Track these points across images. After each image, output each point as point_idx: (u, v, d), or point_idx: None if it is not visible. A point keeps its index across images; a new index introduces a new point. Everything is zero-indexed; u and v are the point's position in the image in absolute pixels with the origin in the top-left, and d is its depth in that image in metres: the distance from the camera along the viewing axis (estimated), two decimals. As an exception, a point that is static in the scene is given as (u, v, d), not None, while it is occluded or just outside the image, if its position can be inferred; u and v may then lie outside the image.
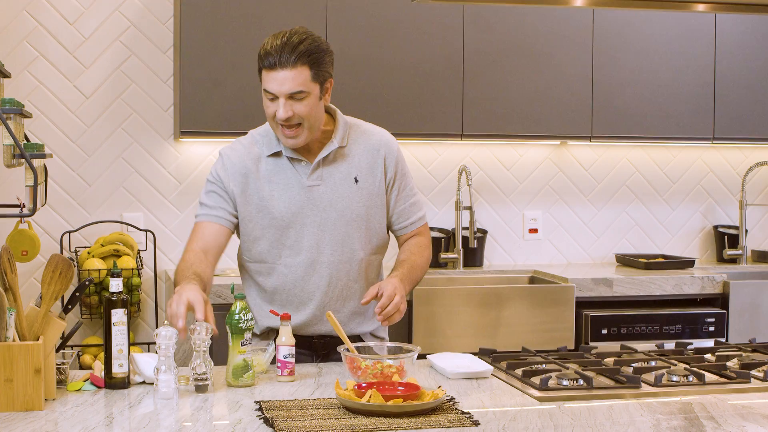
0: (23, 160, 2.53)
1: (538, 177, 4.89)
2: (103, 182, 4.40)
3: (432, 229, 4.58)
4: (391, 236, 2.93)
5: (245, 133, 2.87)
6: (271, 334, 2.83)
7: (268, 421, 2.13)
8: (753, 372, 2.61)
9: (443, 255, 4.58)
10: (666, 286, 4.35)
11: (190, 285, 2.50)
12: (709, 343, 3.84)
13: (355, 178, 2.78)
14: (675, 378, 2.53)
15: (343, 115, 2.83)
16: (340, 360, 2.75)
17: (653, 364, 2.71)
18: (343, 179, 2.77)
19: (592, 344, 3.71)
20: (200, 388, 2.40)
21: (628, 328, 4.24)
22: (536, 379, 2.49)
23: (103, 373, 2.44)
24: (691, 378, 2.54)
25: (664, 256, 4.83)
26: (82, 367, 3.97)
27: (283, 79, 2.62)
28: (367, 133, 2.85)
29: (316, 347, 2.82)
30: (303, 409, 2.23)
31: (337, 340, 2.69)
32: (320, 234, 2.75)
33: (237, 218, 2.80)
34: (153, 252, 4.39)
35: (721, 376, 2.60)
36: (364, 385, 2.30)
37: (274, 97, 2.65)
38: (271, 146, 2.77)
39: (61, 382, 2.42)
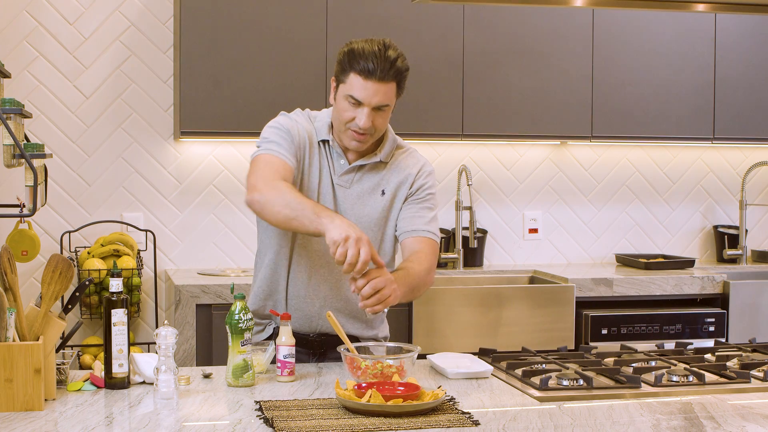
0: (23, 160, 2.53)
1: (538, 177, 4.89)
2: (103, 182, 4.40)
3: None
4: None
5: (245, 133, 2.87)
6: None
7: (268, 421, 2.13)
8: (753, 372, 2.61)
9: (443, 255, 4.58)
10: (666, 286, 4.35)
11: (345, 219, 2.47)
12: (709, 343, 3.84)
13: (383, 191, 2.79)
14: (675, 378, 2.53)
15: (392, 131, 2.84)
16: (338, 359, 2.75)
17: (653, 364, 2.71)
18: (371, 190, 2.78)
19: (592, 344, 3.71)
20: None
21: (628, 328, 4.24)
22: (536, 379, 2.49)
23: (103, 373, 2.44)
24: (691, 378, 2.54)
25: (664, 256, 4.83)
26: (82, 367, 3.97)
27: (376, 91, 2.63)
28: (410, 157, 2.86)
29: (314, 345, 2.81)
30: (303, 409, 2.23)
31: (335, 340, 2.69)
32: None
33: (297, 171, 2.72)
34: (153, 252, 4.39)
35: (721, 376, 2.60)
36: (364, 385, 2.29)
37: (359, 104, 2.65)
38: (322, 132, 2.76)
39: (61, 382, 2.42)
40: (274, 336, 2.83)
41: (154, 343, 2.38)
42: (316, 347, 2.82)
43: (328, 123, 2.77)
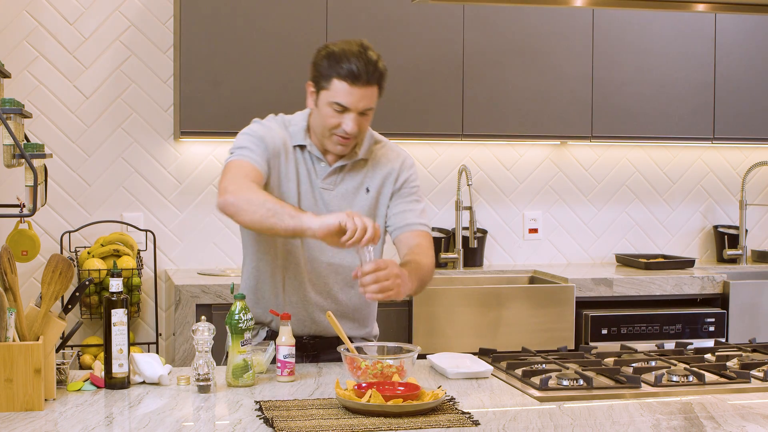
0: (23, 160, 2.53)
1: (538, 177, 4.89)
2: (103, 182, 4.40)
3: (432, 229, 4.57)
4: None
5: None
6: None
7: (268, 421, 2.13)
8: (753, 372, 2.61)
9: (443, 255, 4.58)
10: (666, 286, 4.35)
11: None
12: (709, 343, 3.83)
13: (367, 189, 2.78)
14: (675, 378, 2.53)
15: (370, 129, 2.82)
16: (330, 361, 2.75)
17: (653, 364, 2.71)
18: (355, 189, 2.77)
19: (592, 344, 3.71)
20: (203, 389, 2.40)
21: (628, 328, 4.24)
22: (536, 379, 2.49)
23: (103, 373, 2.44)
24: (691, 378, 2.54)
25: (664, 256, 4.83)
26: (82, 367, 3.97)
27: (362, 96, 2.60)
28: (389, 151, 2.84)
29: (306, 347, 2.81)
30: (303, 409, 2.23)
31: (327, 342, 2.69)
32: None
33: (267, 179, 2.70)
34: (153, 252, 4.39)
35: (721, 376, 2.60)
36: (364, 385, 2.29)
37: (344, 110, 2.62)
38: (297, 137, 2.73)
39: (61, 382, 2.42)
40: (268, 339, 2.83)
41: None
42: (309, 349, 2.81)
43: (304, 127, 2.74)
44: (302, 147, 2.75)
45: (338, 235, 2.41)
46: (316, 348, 2.81)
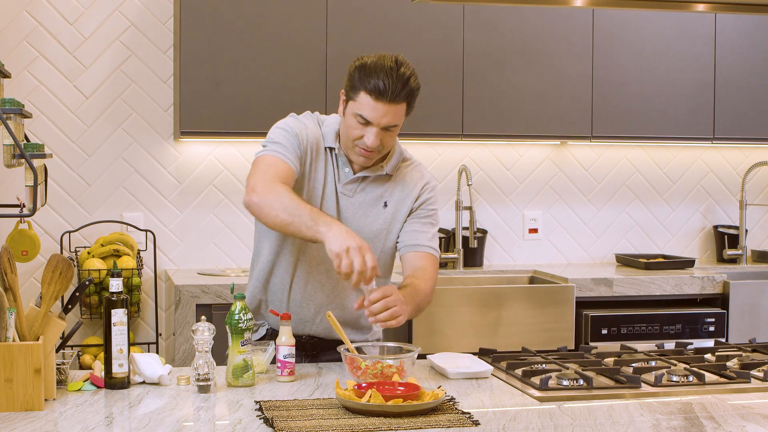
0: (23, 160, 2.53)
1: (538, 177, 4.89)
2: (103, 182, 4.40)
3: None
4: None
5: (245, 133, 2.85)
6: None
7: (268, 421, 2.13)
8: (753, 372, 2.61)
9: (443, 255, 4.58)
10: (666, 286, 4.35)
11: (343, 227, 2.43)
12: (709, 343, 3.84)
13: (385, 203, 2.77)
14: (675, 378, 2.53)
15: (399, 144, 2.81)
16: (330, 362, 2.75)
17: (653, 364, 2.71)
18: (373, 201, 2.76)
19: (592, 344, 3.71)
20: (203, 389, 2.40)
21: (628, 328, 4.24)
22: (536, 379, 2.49)
23: (103, 373, 2.44)
24: (691, 378, 2.54)
25: (664, 256, 4.83)
26: (82, 367, 3.97)
27: (385, 112, 2.58)
28: (415, 171, 2.82)
29: (306, 347, 2.81)
30: (303, 409, 2.23)
31: (327, 343, 2.69)
32: None
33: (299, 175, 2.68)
34: (153, 252, 4.39)
35: (721, 376, 2.60)
36: (364, 385, 2.30)
37: (367, 123, 2.60)
38: (329, 139, 2.73)
39: (61, 382, 2.42)
40: (267, 337, 2.83)
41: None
42: (308, 349, 2.81)
43: (335, 130, 2.74)
44: (332, 149, 2.74)
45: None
46: (316, 348, 2.81)
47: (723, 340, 4.31)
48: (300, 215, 2.47)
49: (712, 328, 4.32)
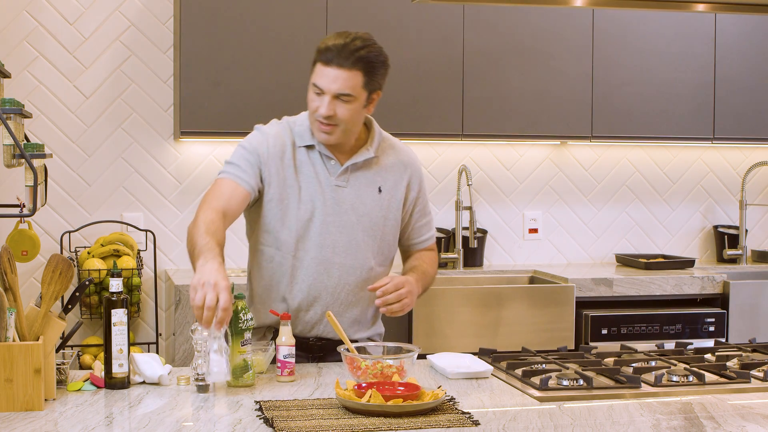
0: (23, 160, 2.53)
1: (538, 177, 4.89)
2: (103, 182, 4.40)
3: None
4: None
5: (245, 133, 2.85)
6: (269, 333, 2.83)
7: (268, 421, 2.13)
8: (753, 372, 2.61)
9: (443, 255, 4.58)
10: (666, 286, 4.35)
11: (215, 264, 2.38)
12: (709, 343, 3.84)
13: (379, 188, 2.80)
14: (675, 378, 2.53)
15: (377, 124, 2.85)
16: (336, 362, 2.75)
17: (653, 364, 2.71)
18: (367, 186, 2.79)
19: (592, 344, 3.71)
20: (202, 389, 2.40)
21: (628, 328, 4.24)
22: (536, 379, 2.49)
23: (103, 373, 2.44)
24: (691, 378, 2.54)
25: (664, 256, 4.83)
26: (82, 367, 3.98)
27: (334, 78, 2.63)
28: (396, 148, 2.88)
29: (313, 349, 2.81)
30: (303, 409, 2.23)
31: (334, 344, 2.69)
32: (337, 235, 2.74)
33: (257, 193, 2.73)
34: (153, 252, 4.39)
35: (721, 376, 2.60)
36: (364, 385, 2.29)
37: (321, 92, 2.65)
38: (304, 138, 2.75)
39: (61, 382, 2.42)
40: (273, 336, 2.83)
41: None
42: (315, 351, 2.82)
43: (308, 126, 2.76)
44: (311, 147, 2.75)
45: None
46: (322, 350, 2.81)
47: (723, 340, 4.31)
48: (193, 248, 2.51)
49: (712, 328, 4.32)
